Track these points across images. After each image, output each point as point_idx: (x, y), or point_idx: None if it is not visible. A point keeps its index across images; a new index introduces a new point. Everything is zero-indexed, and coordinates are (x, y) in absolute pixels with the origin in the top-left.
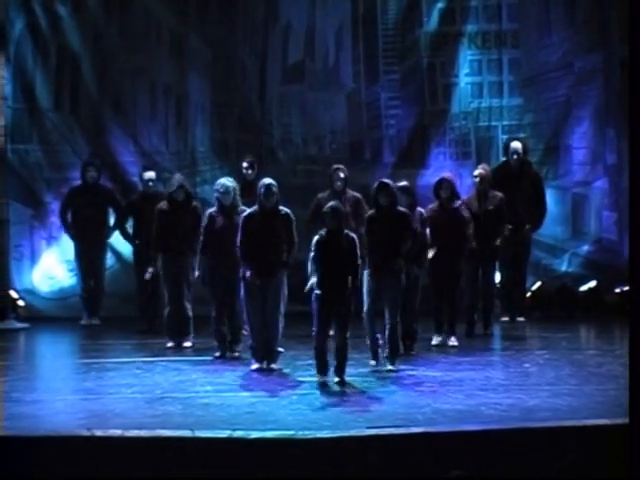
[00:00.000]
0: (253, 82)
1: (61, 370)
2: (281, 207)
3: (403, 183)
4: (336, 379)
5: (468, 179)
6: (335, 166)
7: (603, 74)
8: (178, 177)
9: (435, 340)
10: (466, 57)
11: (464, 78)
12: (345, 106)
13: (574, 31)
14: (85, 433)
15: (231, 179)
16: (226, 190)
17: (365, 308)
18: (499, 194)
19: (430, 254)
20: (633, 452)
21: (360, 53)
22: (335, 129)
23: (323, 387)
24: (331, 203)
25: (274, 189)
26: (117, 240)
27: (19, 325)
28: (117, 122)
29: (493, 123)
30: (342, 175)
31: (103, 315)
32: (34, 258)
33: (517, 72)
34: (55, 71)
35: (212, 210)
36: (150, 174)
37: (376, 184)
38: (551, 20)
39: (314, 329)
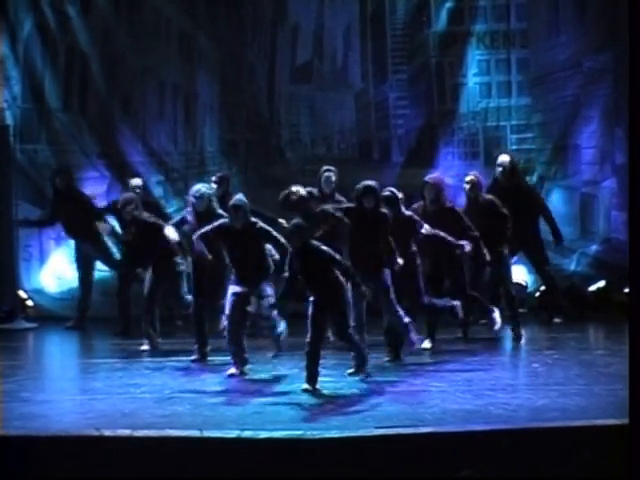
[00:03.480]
0: (262, 82)
1: (70, 370)
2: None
3: (387, 193)
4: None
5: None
6: (325, 167)
7: (612, 74)
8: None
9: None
10: (474, 57)
11: (472, 78)
12: (353, 106)
13: (583, 31)
14: (94, 433)
15: (207, 185)
16: (200, 195)
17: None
18: (489, 199)
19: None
20: (633, 452)
21: (368, 53)
22: (343, 129)
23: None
24: (293, 221)
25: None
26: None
27: (28, 325)
28: (126, 122)
29: (501, 123)
30: (334, 178)
31: (112, 315)
32: (43, 258)
33: (526, 72)
34: (64, 71)
35: (186, 215)
36: (137, 181)
37: (360, 186)
38: (560, 20)
39: (308, 335)
